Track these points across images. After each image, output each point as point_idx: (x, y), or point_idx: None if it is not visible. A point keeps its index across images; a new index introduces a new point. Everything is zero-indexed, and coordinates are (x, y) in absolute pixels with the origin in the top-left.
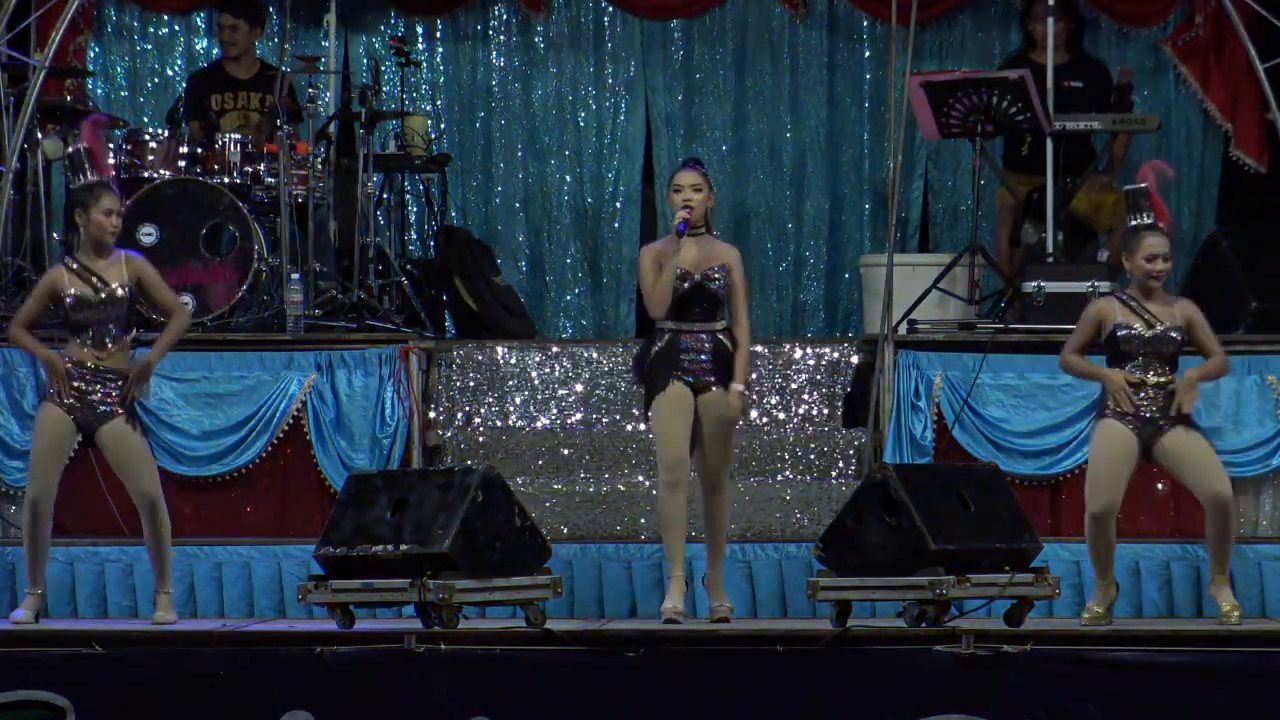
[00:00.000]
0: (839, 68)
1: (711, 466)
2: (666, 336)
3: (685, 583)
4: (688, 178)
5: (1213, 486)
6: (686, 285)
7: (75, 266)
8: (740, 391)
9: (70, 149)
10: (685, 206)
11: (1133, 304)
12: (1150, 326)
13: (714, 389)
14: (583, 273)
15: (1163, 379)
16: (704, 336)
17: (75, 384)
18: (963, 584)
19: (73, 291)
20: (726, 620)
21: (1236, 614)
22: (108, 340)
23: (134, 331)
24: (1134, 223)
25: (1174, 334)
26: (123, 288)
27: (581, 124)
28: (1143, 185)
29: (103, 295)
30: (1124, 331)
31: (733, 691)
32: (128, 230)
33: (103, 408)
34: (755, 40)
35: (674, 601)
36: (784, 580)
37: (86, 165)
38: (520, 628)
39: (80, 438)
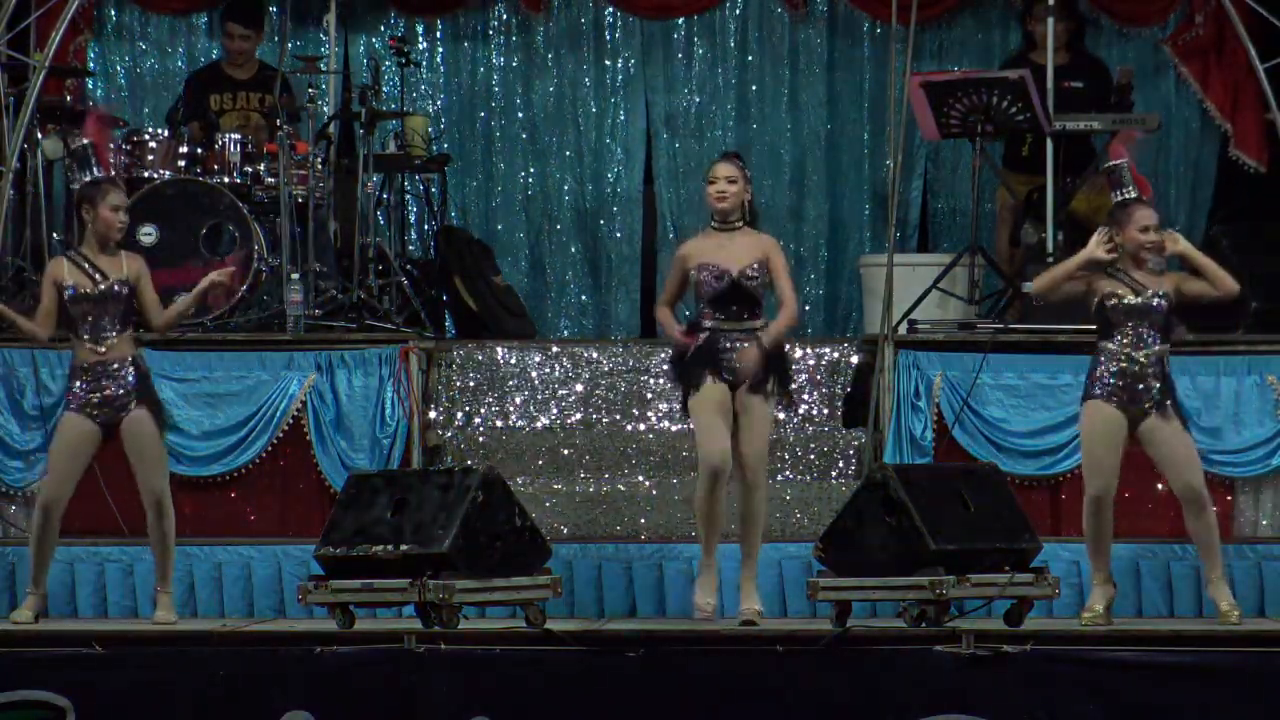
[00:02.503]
0: (839, 68)
1: (747, 462)
2: (706, 334)
3: (717, 577)
4: (723, 169)
5: (1184, 478)
6: (724, 283)
7: (76, 258)
8: (757, 350)
9: (74, 144)
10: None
11: (1120, 274)
12: (1137, 294)
13: (754, 390)
14: (583, 273)
15: (1153, 349)
16: (740, 335)
17: (87, 383)
18: (963, 584)
19: (71, 283)
20: (754, 623)
21: (1236, 614)
22: (106, 334)
23: (132, 327)
24: (1119, 198)
25: (1161, 300)
26: (121, 283)
27: (581, 124)
28: (1120, 161)
29: (101, 288)
30: (1111, 301)
31: (733, 691)
32: (128, 230)
33: (120, 399)
34: (755, 40)
35: (706, 595)
36: (784, 580)
37: (93, 160)
38: (520, 628)
39: (103, 436)
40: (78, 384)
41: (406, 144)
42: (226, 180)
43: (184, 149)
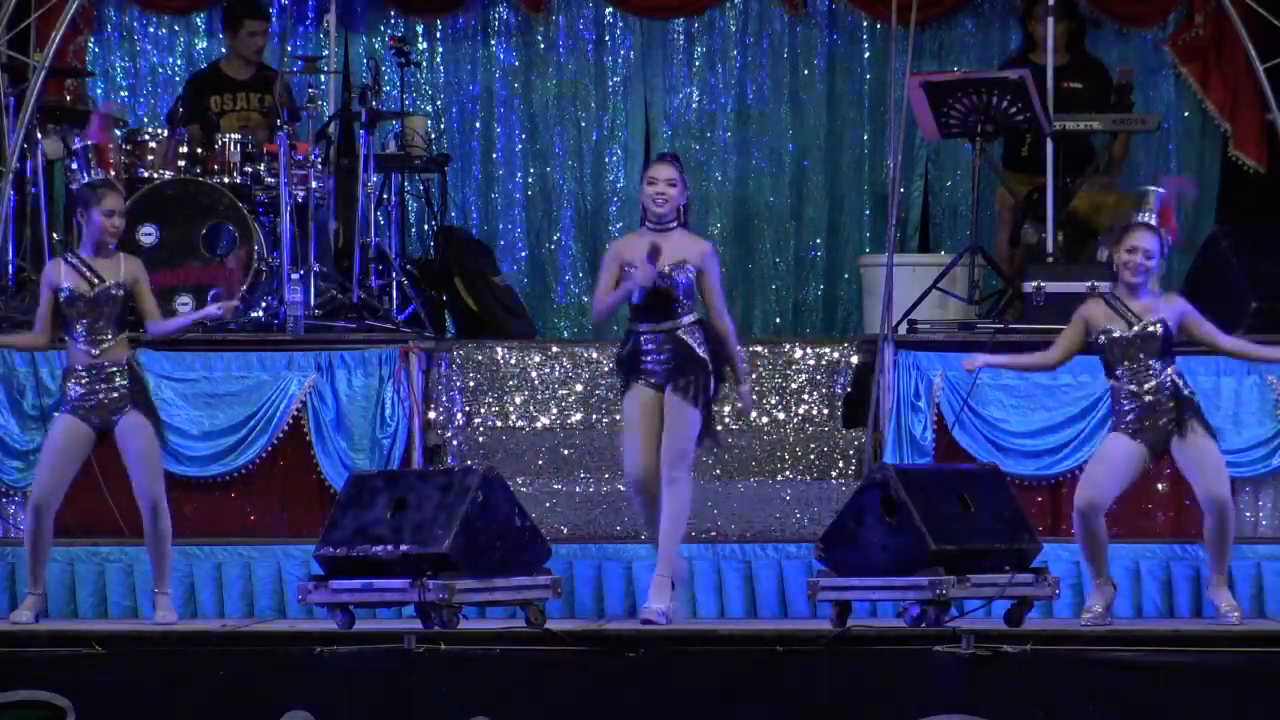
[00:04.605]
0: (839, 68)
1: (666, 459)
2: (632, 339)
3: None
4: (664, 171)
5: (1209, 489)
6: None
7: (73, 261)
8: (747, 391)
9: (78, 144)
10: (650, 255)
11: (1116, 304)
12: (1130, 325)
13: (675, 388)
14: (583, 273)
15: (1159, 377)
16: (663, 337)
17: (81, 385)
18: (963, 584)
19: (68, 285)
20: (651, 622)
21: (1236, 615)
22: (101, 337)
23: (127, 330)
24: (1136, 219)
25: (1155, 328)
26: (118, 286)
27: (581, 124)
28: (1156, 189)
29: (97, 291)
30: (1105, 337)
31: (733, 691)
32: (128, 230)
33: (114, 402)
34: (755, 40)
35: (657, 603)
36: (784, 580)
37: (92, 161)
38: (520, 628)
39: (97, 437)
40: (72, 386)
41: (406, 144)
42: (226, 180)
43: (184, 149)
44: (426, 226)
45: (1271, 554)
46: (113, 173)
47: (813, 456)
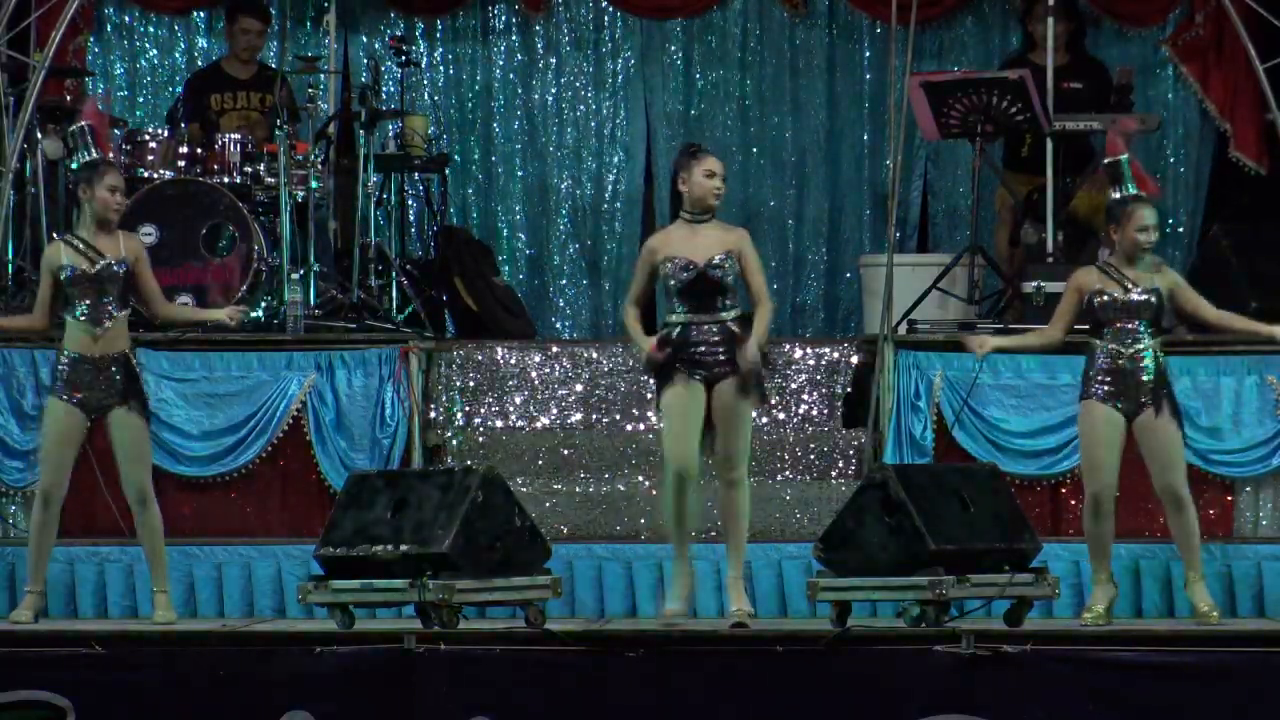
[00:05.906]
0: (839, 68)
1: (724, 457)
2: (678, 329)
3: (691, 580)
4: (719, 165)
5: (1165, 479)
6: (690, 274)
7: (73, 241)
8: (753, 349)
9: (74, 126)
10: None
11: (1111, 271)
12: (1126, 290)
13: (728, 379)
14: (582, 273)
15: (1143, 345)
16: (713, 328)
17: (74, 371)
18: (963, 584)
19: (69, 263)
20: (744, 624)
21: (1215, 614)
22: (104, 316)
23: (129, 309)
24: (1119, 195)
25: (1150, 296)
26: (119, 263)
27: (581, 124)
28: (1121, 157)
29: (99, 268)
30: (1100, 298)
31: (733, 691)
32: (128, 230)
33: (106, 393)
34: (755, 40)
35: (675, 602)
36: (784, 580)
37: (91, 141)
38: (520, 628)
39: (89, 421)
40: (65, 370)
41: (406, 144)
42: (226, 180)
43: (184, 149)
44: (426, 226)
45: (1271, 554)
46: (110, 153)
47: (813, 456)
